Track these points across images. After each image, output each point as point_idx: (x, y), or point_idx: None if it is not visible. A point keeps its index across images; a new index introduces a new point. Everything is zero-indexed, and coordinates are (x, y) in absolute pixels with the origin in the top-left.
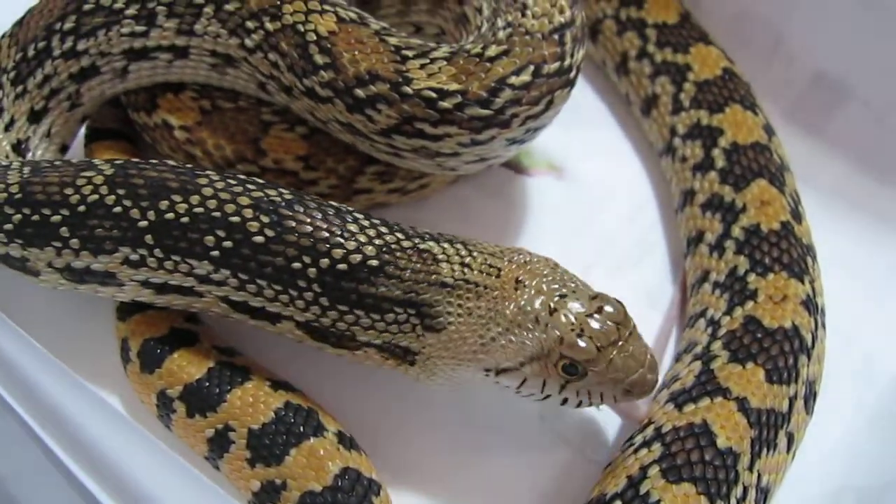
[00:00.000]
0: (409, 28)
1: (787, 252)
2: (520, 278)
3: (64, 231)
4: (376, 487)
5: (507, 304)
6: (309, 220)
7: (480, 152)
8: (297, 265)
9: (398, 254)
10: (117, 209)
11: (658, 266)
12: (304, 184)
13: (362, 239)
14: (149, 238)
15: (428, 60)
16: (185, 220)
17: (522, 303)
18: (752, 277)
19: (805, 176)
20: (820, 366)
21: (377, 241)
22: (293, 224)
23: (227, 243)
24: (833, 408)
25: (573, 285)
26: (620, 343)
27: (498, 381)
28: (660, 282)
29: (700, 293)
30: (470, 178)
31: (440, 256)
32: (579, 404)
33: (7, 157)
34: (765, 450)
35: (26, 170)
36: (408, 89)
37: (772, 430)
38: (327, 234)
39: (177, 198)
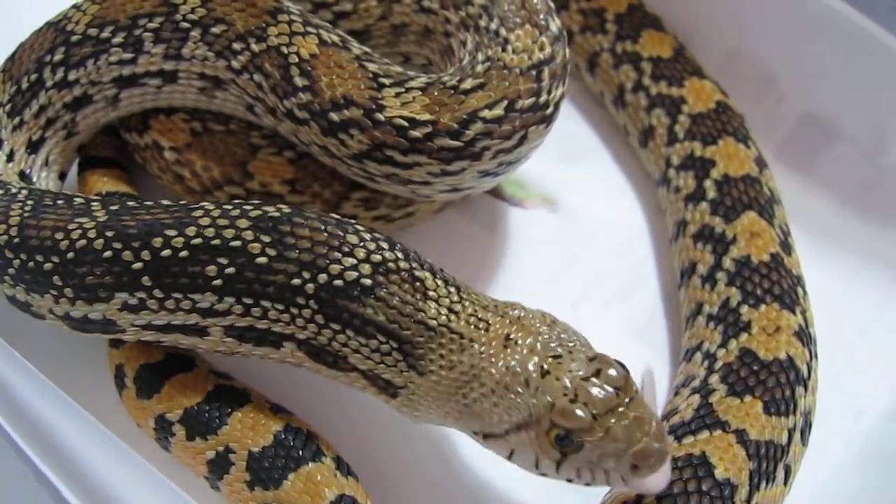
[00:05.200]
0: (398, 58)
1: (777, 283)
2: (510, 335)
3: (56, 280)
4: None
5: (493, 362)
6: (309, 232)
7: (452, 182)
8: (297, 281)
9: (392, 276)
10: (107, 254)
11: (649, 299)
12: None
13: (360, 254)
14: (146, 279)
15: (403, 89)
16: (183, 254)
17: (512, 363)
18: (744, 309)
19: (794, 212)
20: (814, 397)
21: (375, 258)
22: (293, 240)
23: (230, 270)
24: (822, 443)
25: (570, 344)
26: (621, 410)
27: (486, 446)
28: (650, 315)
29: (695, 326)
30: (462, 208)
31: (430, 293)
32: (587, 484)
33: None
34: (763, 482)
35: (27, 207)
36: (380, 116)
37: (770, 462)
38: (327, 249)
39: (172, 232)
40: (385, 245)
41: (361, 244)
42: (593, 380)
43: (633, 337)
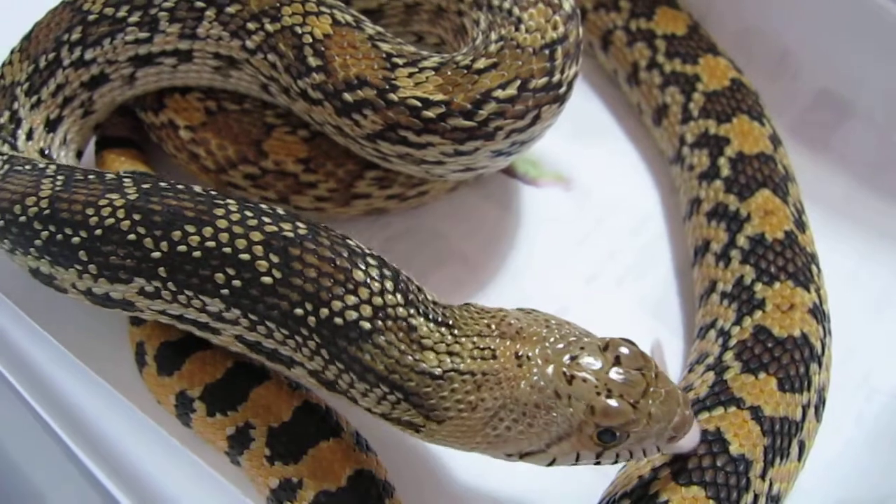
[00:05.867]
0: (410, 37)
1: (791, 261)
2: (519, 353)
3: (83, 255)
4: (390, 490)
5: (514, 387)
6: (318, 261)
7: (466, 162)
8: (299, 311)
9: (389, 323)
10: (131, 236)
11: (663, 277)
12: (303, 186)
13: (364, 294)
14: (162, 270)
15: (417, 69)
16: (196, 254)
17: (535, 379)
18: (758, 287)
19: (808, 189)
20: (828, 373)
21: (377, 301)
22: (300, 267)
23: (237, 282)
24: (834, 421)
25: (575, 339)
26: (651, 389)
27: (522, 461)
28: (664, 293)
29: (709, 304)
30: (476, 186)
31: (425, 342)
32: (615, 462)
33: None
34: (777, 458)
35: (59, 181)
36: (393, 97)
37: (785, 438)
38: (332, 282)
39: (190, 228)
40: (389, 286)
41: (366, 282)
42: (615, 368)
43: (647, 314)
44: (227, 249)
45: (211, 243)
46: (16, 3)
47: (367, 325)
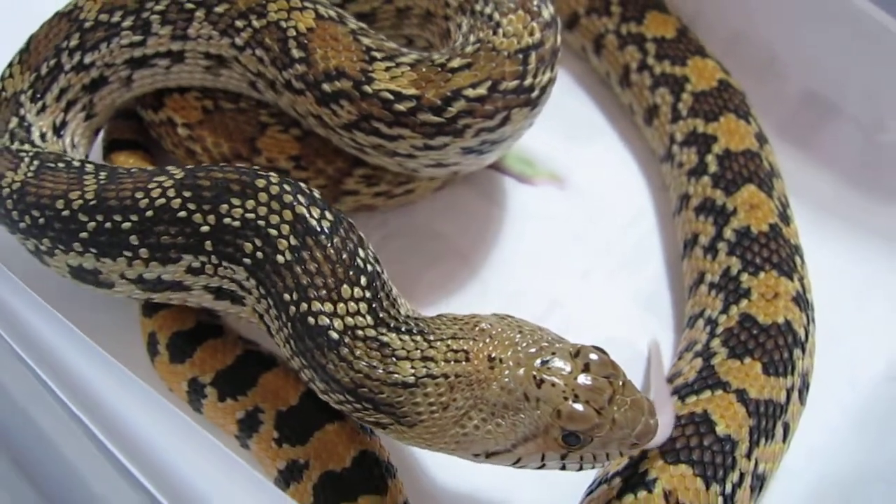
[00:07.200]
0: (401, 40)
1: (776, 252)
2: (492, 355)
3: (134, 239)
4: (392, 471)
5: (485, 388)
6: (322, 258)
7: (436, 157)
8: (287, 297)
9: (358, 342)
10: (182, 213)
11: (654, 271)
12: None
13: (340, 309)
14: (208, 244)
15: (394, 64)
16: (236, 224)
17: (505, 381)
18: (744, 277)
19: (794, 187)
20: (812, 359)
21: (348, 321)
22: (307, 255)
23: (259, 254)
24: (819, 407)
25: (547, 345)
26: (617, 397)
27: (488, 462)
28: (656, 286)
29: (697, 294)
30: (472, 184)
31: (399, 352)
32: (580, 468)
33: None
34: (763, 439)
35: (102, 175)
36: (368, 88)
37: (770, 419)
38: (320, 283)
39: (236, 201)
40: (364, 306)
41: (347, 301)
42: (584, 374)
43: (639, 307)
44: (261, 222)
45: (250, 215)
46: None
47: (334, 336)
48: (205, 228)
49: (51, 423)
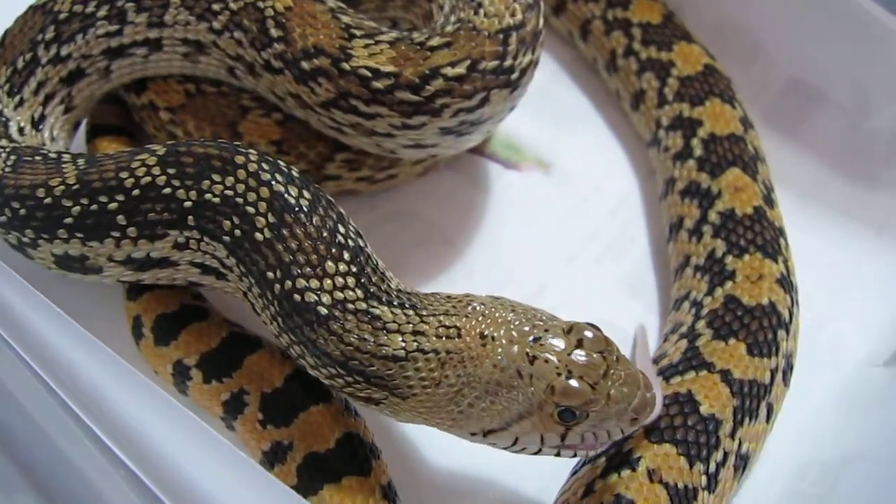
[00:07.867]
0: (386, 23)
1: (760, 234)
2: (484, 332)
3: (121, 219)
4: (377, 452)
5: (478, 365)
6: (303, 235)
7: (414, 137)
8: (270, 274)
9: (349, 315)
10: (167, 190)
11: (640, 256)
12: None
13: (327, 285)
14: (191, 219)
15: (373, 41)
16: (216, 200)
17: (498, 359)
18: (729, 259)
19: (780, 173)
20: (796, 341)
21: (337, 295)
22: (287, 233)
23: (238, 232)
24: (804, 389)
25: (541, 323)
26: (612, 372)
27: (486, 442)
28: (641, 271)
29: (683, 277)
30: (460, 171)
31: (390, 325)
32: (581, 451)
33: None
34: (746, 419)
35: (80, 161)
36: (346, 65)
37: (753, 399)
38: (303, 260)
39: (217, 177)
40: (352, 280)
41: (333, 276)
42: (577, 351)
43: (625, 292)
44: (239, 200)
45: (229, 192)
46: None
47: (323, 311)
48: (188, 204)
49: (33, 404)
